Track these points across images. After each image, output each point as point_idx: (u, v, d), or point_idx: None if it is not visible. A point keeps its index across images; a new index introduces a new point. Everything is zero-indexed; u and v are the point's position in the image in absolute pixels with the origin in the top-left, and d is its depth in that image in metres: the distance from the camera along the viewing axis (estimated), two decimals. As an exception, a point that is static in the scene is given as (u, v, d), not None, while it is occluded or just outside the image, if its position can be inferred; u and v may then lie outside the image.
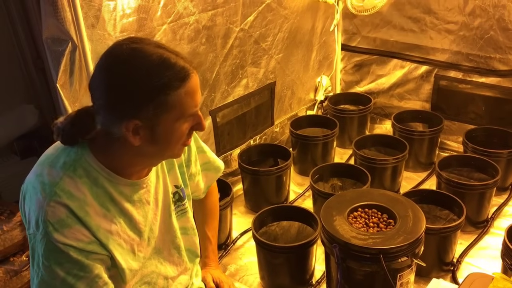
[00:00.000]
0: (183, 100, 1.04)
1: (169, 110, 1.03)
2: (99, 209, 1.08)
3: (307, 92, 3.07)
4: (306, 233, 1.98)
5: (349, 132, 2.95)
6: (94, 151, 1.09)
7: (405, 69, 2.92)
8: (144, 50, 1.02)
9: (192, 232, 1.39)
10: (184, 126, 1.07)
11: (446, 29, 2.67)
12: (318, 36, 2.96)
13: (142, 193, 1.17)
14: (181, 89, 1.03)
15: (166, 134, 1.06)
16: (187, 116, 1.06)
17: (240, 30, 2.38)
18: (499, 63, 2.56)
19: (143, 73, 1.01)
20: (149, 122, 1.03)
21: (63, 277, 1.03)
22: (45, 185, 1.04)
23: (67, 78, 1.74)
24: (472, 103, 2.73)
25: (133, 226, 1.16)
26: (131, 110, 1.02)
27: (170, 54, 1.04)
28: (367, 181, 2.18)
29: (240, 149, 2.58)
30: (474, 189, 2.14)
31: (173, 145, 1.10)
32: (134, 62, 1.02)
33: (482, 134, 2.59)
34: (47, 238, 1.02)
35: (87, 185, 1.06)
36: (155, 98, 1.01)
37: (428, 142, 2.66)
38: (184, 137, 1.10)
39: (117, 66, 1.03)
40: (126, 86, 1.02)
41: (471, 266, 2.03)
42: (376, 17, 2.89)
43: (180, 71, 1.03)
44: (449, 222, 1.99)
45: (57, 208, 1.02)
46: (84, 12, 1.69)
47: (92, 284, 1.06)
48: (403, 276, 1.61)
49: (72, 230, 1.03)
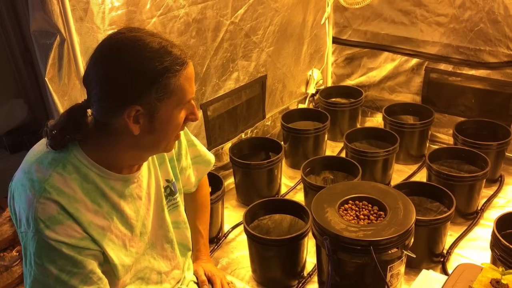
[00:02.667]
0: (183, 85, 1.05)
1: (169, 95, 1.04)
2: (90, 205, 1.07)
3: (298, 86, 3.07)
4: (298, 226, 1.99)
5: (341, 125, 2.95)
6: (83, 147, 1.08)
7: (396, 62, 2.92)
8: (143, 37, 1.04)
9: (183, 226, 1.39)
10: (181, 114, 1.09)
11: (437, 21, 2.68)
12: (309, 29, 2.95)
13: (133, 188, 1.17)
14: (181, 74, 1.04)
15: (165, 121, 1.07)
16: (185, 102, 1.08)
17: (231, 23, 2.37)
18: (489, 55, 2.57)
19: (145, 58, 1.02)
20: (150, 108, 1.03)
21: (57, 275, 1.03)
22: (34, 182, 1.03)
23: (56, 72, 1.73)
24: (462, 96, 2.74)
25: (124, 221, 1.15)
26: (133, 95, 1.02)
27: (166, 41, 1.06)
28: (358, 173, 2.19)
29: (232, 142, 2.58)
30: (464, 181, 2.16)
31: (170, 135, 1.11)
32: (135, 48, 1.02)
33: (472, 126, 2.61)
34: (38, 235, 1.01)
35: (77, 181, 1.06)
36: (156, 82, 1.02)
37: (419, 134, 2.67)
38: (179, 127, 1.11)
39: (118, 54, 1.03)
40: (127, 72, 1.02)
41: (461, 257, 2.05)
42: (367, 10, 2.89)
43: (179, 57, 1.05)
44: (440, 214, 2.00)
45: (47, 205, 1.01)
46: (72, 5, 1.67)
47: (86, 279, 1.06)
48: (394, 268, 1.62)
49: (64, 226, 1.02)
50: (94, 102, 1.05)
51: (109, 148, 1.09)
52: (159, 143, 1.12)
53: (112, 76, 1.03)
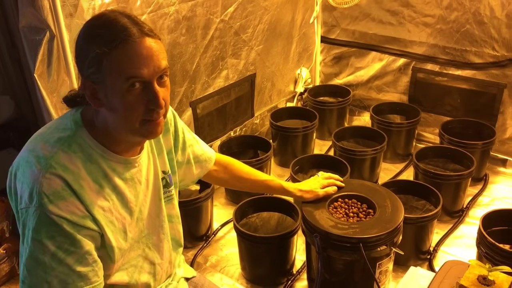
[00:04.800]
0: (118, 62, 1.01)
1: (108, 73, 1.02)
2: (93, 185, 1.08)
3: (287, 84, 3.08)
4: (286, 224, 2.00)
5: (329, 124, 2.97)
6: (87, 127, 1.11)
7: (384, 61, 2.95)
8: (101, 14, 1.07)
9: (176, 220, 1.39)
10: (130, 95, 1.04)
11: (424, 22, 2.71)
12: (297, 28, 2.97)
13: (134, 172, 1.18)
14: (115, 50, 1.01)
15: (118, 100, 1.04)
16: (126, 79, 1.02)
17: (221, 21, 2.37)
18: (475, 56, 2.61)
19: (86, 32, 1.06)
20: (100, 85, 1.04)
21: (53, 252, 1.02)
22: (40, 158, 1.05)
23: (45, 68, 1.71)
24: (448, 96, 2.78)
25: (125, 204, 1.16)
26: (80, 69, 1.07)
27: (122, 18, 1.04)
28: (347, 172, 2.21)
29: (221, 140, 2.58)
30: (450, 179, 2.19)
31: (128, 116, 1.06)
32: (86, 24, 1.07)
33: (457, 126, 2.65)
34: (41, 210, 1.01)
35: (81, 160, 1.07)
36: (87, 57, 1.03)
37: (406, 133, 2.70)
38: (137, 110, 1.05)
39: (80, 31, 1.08)
40: (78, 45, 1.07)
41: (447, 255, 2.08)
42: (355, 10, 2.92)
43: (119, 32, 1.02)
44: (426, 212, 2.03)
45: (52, 180, 1.02)
46: (62, 1, 1.66)
47: (82, 260, 1.05)
48: (382, 265, 1.64)
49: (67, 203, 1.02)
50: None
51: (102, 128, 1.11)
52: (123, 124, 1.08)
53: (75, 49, 1.09)
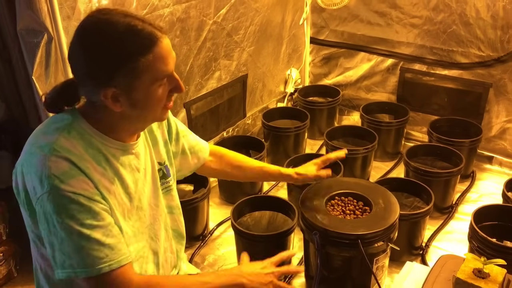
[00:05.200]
0: (153, 65, 1.06)
1: (140, 76, 1.06)
2: (97, 167, 1.10)
3: (277, 85, 3.11)
4: (277, 223, 2.03)
5: (319, 124, 3.01)
6: (85, 116, 1.13)
7: (372, 62, 3.01)
8: (111, 20, 1.06)
9: (177, 212, 1.42)
10: (160, 89, 1.10)
11: (411, 23, 2.77)
12: (287, 29, 3.01)
13: (132, 158, 1.21)
14: (149, 54, 1.05)
15: (144, 98, 1.09)
16: (161, 79, 1.09)
17: (213, 23, 2.39)
18: (461, 56, 2.68)
19: (110, 43, 1.05)
20: (124, 88, 1.07)
21: (78, 230, 1.03)
22: (43, 146, 1.07)
23: (43, 71, 1.71)
24: (435, 95, 2.84)
25: (125, 189, 1.18)
26: (104, 79, 1.06)
27: (137, 21, 1.06)
28: (340, 170, 2.25)
29: (214, 141, 2.60)
30: (440, 176, 2.25)
31: (154, 108, 1.13)
32: (102, 33, 1.05)
33: (445, 124, 2.71)
34: (54, 191, 1.02)
35: (82, 145, 1.10)
36: (123, 66, 1.05)
37: (395, 132, 2.76)
38: (163, 100, 1.13)
39: (88, 38, 1.07)
40: (96, 57, 1.06)
41: (439, 250, 2.13)
42: (344, 11, 2.96)
43: (146, 37, 1.05)
44: (414, 209, 2.08)
45: (59, 162, 1.04)
46: (60, 3, 1.66)
47: (108, 232, 1.07)
48: (379, 260, 1.68)
49: (78, 180, 1.04)
50: (79, 81, 1.11)
51: (106, 120, 1.13)
52: (146, 116, 1.15)
53: (84, 60, 1.07)
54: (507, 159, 2.68)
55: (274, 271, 1.32)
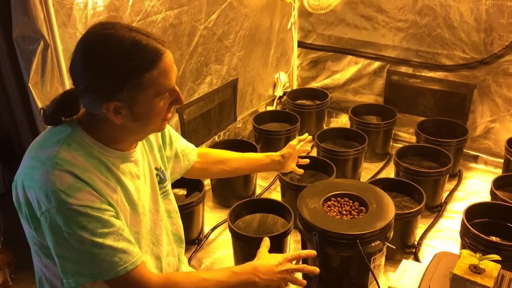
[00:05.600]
0: (157, 80, 1.08)
1: (144, 90, 1.08)
2: (101, 176, 1.12)
3: (266, 88, 3.15)
4: (267, 225, 2.04)
5: (308, 126, 3.05)
6: (84, 127, 1.14)
7: (359, 65, 3.06)
8: (116, 35, 1.07)
9: (175, 215, 1.44)
10: (161, 102, 1.13)
11: (397, 27, 2.84)
12: (275, 34, 3.04)
13: (131, 166, 1.22)
14: (154, 70, 1.07)
15: (146, 111, 1.11)
16: (163, 93, 1.12)
17: (204, 28, 2.41)
18: (446, 58, 2.75)
19: (116, 58, 1.06)
20: (127, 102, 1.08)
21: (91, 240, 1.05)
22: (44, 160, 1.07)
23: (39, 78, 1.71)
24: (421, 96, 2.91)
25: (127, 196, 1.19)
26: (108, 93, 1.07)
27: (141, 36, 1.08)
28: (333, 172, 2.29)
29: (206, 145, 2.62)
30: (430, 176, 2.30)
31: (154, 120, 1.15)
32: (107, 48, 1.06)
33: (432, 125, 2.78)
34: (62, 206, 1.03)
35: (83, 156, 1.10)
36: (128, 80, 1.06)
37: (384, 134, 2.81)
38: (164, 112, 1.15)
39: (92, 53, 1.08)
40: (101, 71, 1.07)
41: (430, 248, 2.18)
42: (331, 15, 3.01)
43: (151, 52, 1.07)
44: (402, 208, 2.13)
45: (63, 176, 1.05)
46: (55, 10, 1.67)
47: (119, 237, 1.09)
48: (376, 259, 1.72)
49: (84, 192, 1.06)
50: (80, 94, 1.12)
51: (105, 131, 1.15)
52: (146, 128, 1.18)
53: (86, 73, 1.08)
54: (492, 157, 2.76)
55: (288, 269, 1.34)
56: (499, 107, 2.67)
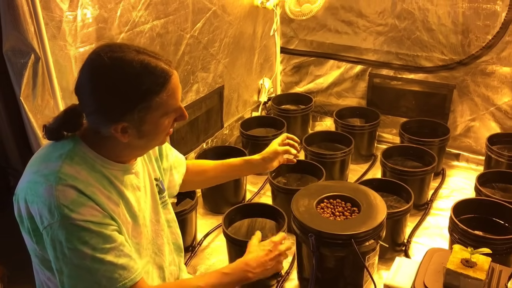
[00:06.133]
0: (165, 102, 1.12)
1: (152, 112, 1.11)
2: (103, 190, 1.13)
3: (251, 94, 3.18)
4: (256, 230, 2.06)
5: (294, 131, 3.08)
6: (86, 141, 1.16)
7: (341, 69, 3.13)
8: (125, 58, 1.08)
9: (174, 225, 1.46)
10: (167, 120, 1.16)
11: (377, 31, 2.91)
12: (259, 40, 3.08)
13: (132, 178, 1.24)
14: (163, 92, 1.10)
15: (152, 129, 1.14)
16: (170, 112, 1.15)
17: (190, 37, 2.43)
18: (425, 60, 2.83)
19: (126, 82, 1.07)
20: (135, 122, 1.10)
21: (92, 255, 1.06)
22: (47, 175, 1.08)
23: (30, 91, 1.71)
24: (403, 98, 2.99)
25: (129, 209, 1.21)
26: (117, 115, 1.09)
27: (150, 58, 1.10)
28: (322, 175, 2.33)
29: (195, 152, 2.63)
30: (416, 175, 2.37)
31: (159, 137, 1.19)
32: (116, 72, 1.07)
33: (415, 125, 2.85)
34: (65, 221, 1.04)
35: (85, 170, 1.12)
36: (138, 104, 1.08)
37: (368, 135, 2.87)
38: (168, 128, 1.19)
39: (100, 77, 1.08)
40: (110, 95, 1.08)
41: (419, 245, 2.24)
42: (312, 21, 3.07)
43: (160, 75, 1.10)
44: (389, 208, 2.17)
45: (66, 191, 1.06)
46: (45, 23, 1.67)
47: (119, 253, 1.10)
48: (370, 258, 1.76)
49: (87, 207, 1.07)
50: (85, 113, 1.14)
51: (108, 148, 1.17)
52: (151, 143, 1.22)
53: (95, 96, 1.09)
54: (473, 155, 2.85)
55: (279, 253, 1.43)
56: (478, 106, 2.76)
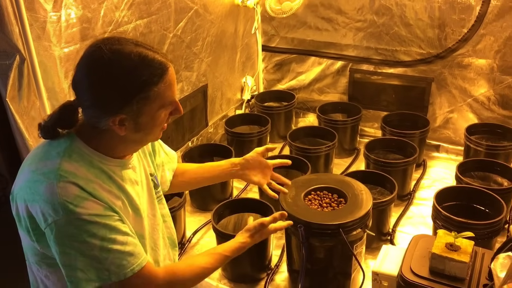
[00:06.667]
0: (163, 93, 1.13)
1: (150, 103, 1.12)
2: (103, 185, 1.15)
3: (235, 93, 3.21)
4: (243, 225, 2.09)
5: (277, 127, 3.13)
6: (82, 138, 1.17)
7: (323, 65, 3.18)
8: (123, 51, 1.10)
9: (169, 219, 1.48)
10: (164, 113, 1.18)
11: (356, 27, 2.97)
12: (240, 39, 3.11)
13: (130, 173, 1.26)
14: (160, 83, 1.12)
15: (149, 122, 1.15)
16: (167, 105, 1.17)
17: (173, 36, 2.45)
18: (404, 55, 2.90)
19: (125, 74, 1.09)
20: (133, 114, 1.12)
21: (100, 245, 1.09)
22: (47, 173, 1.09)
23: (16, 92, 1.71)
24: (383, 92, 3.05)
25: (130, 202, 1.23)
26: (116, 107, 1.11)
27: (147, 51, 1.12)
28: (308, 169, 2.38)
29: (181, 151, 2.65)
30: (398, 166, 2.43)
31: (155, 131, 1.20)
32: (115, 64, 1.09)
33: (396, 118, 2.92)
34: (71, 216, 1.06)
35: (84, 167, 1.13)
36: (137, 95, 1.10)
37: (351, 129, 2.93)
38: (164, 122, 1.20)
39: (99, 69, 1.10)
40: (109, 87, 1.10)
41: (403, 234, 2.30)
42: (293, 19, 3.11)
43: (158, 67, 1.12)
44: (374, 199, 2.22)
45: (68, 187, 1.07)
46: (30, 24, 1.67)
47: (126, 240, 1.13)
48: (358, 247, 1.81)
49: (89, 202, 1.09)
50: (82, 108, 1.15)
51: (104, 143, 1.18)
52: (146, 138, 1.22)
53: (94, 89, 1.11)
54: (452, 146, 2.93)
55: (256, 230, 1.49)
56: (456, 98, 2.84)
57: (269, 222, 1.51)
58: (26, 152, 1.73)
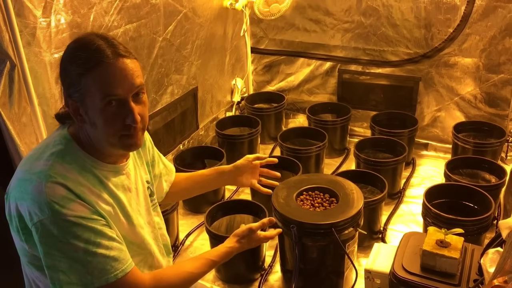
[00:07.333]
0: (95, 84, 1.10)
1: (87, 92, 1.11)
2: (93, 190, 1.15)
3: (225, 95, 3.22)
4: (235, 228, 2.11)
5: (268, 129, 3.15)
6: (75, 141, 1.18)
7: (312, 66, 3.20)
8: (81, 37, 1.16)
9: (163, 227, 1.49)
10: (109, 112, 1.11)
11: (344, 28, 3.00)
12: (229, 41, 3.13)
13: (123, 179, 1.26)
14: (94, 72, 1.09)
15: (97, 117, 1.12)
16: (105, 99, 1.10)
17: (163, 40, 2.46)
18: (391, 55, 2.93)
19: (68, 55, 1.14)
20: (79, 101, 1.13)
21: (84, 248, 1.09)
22: (38, 173, 1.10)
23: (7, 98, 1.70)
24: (372, 92, 3.08)
25: (121, 208, 1.23)
26: (64, 89, 1.15)
27: (100, 41, 1.12)
28: (299, 170, 2.40)
29: (172, 154, 2.66)
30: (388, 165, 2.46)
31: (107, 131, 1.14)
32: (68, 47, 1.15)
33: (384, 118, 2.95)
34: (56, 216, 1.06)
35: (76, 170, 1.14)
36: (72, 77, 1.12)
37: (340, 130, 2.96)
38: (116, 126, 1.13)
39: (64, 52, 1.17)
40: (61, 66, 1.15)
41: (394, 231, 2.33)
42: (281, 21, 3.14)
43: (96, 54, 1.09)
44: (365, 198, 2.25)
45: (56, 188, 1.08)
46: (20, 30, 1.67)
47: (111, 245, 1.13)
48: (350, 246, 1.83)
49: (76, 204, 1.09)
50: None
51: (87, 142, 1.19)
52: (103, 138, 1.15)
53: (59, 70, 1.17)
54: (440, 144, 2.97)
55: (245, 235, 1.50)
56: (443, 96, 2.88)
57: (257, 228, 1.52)
58: (18, 158, 1.73)
